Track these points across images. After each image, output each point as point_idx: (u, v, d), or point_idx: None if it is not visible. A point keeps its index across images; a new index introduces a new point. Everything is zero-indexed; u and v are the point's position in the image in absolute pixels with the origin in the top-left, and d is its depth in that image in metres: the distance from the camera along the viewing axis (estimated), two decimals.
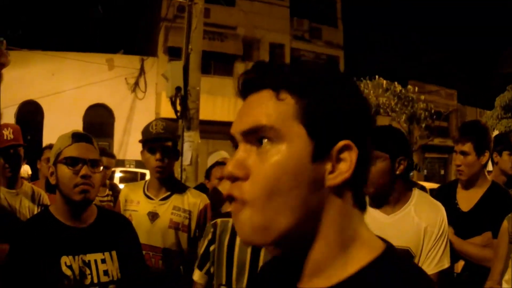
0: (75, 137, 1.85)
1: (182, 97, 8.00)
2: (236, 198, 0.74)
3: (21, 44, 14.32)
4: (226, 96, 17.44)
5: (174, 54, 15.10)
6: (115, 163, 5.18)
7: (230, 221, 2.14)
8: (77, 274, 1.75)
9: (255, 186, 0.72)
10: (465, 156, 2.71)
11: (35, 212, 2.85)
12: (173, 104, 8.08)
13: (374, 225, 0.86)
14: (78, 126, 14.10)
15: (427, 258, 2.09)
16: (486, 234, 2.57)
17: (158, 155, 2.58)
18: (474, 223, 2.67)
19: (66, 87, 15.59)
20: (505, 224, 2.19)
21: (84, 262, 1.79)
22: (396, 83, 17.87)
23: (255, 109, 0.76)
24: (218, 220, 2.21)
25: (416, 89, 18.63)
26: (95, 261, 1.82)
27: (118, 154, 14.90)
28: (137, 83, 17.05)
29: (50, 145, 3.34)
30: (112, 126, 16.95)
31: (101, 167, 1.88)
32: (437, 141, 22.06)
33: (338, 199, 0.75)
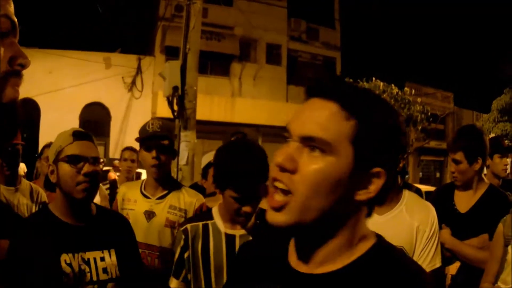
0: (76, 135, 1.86)
1: (179, 96, 7.98)
2: (283, 184, 0.87)
3: (18, 41, 14.24)
4: (222, 96, 17.44)
5: (171, 53, 15.10)
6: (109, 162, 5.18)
7: (200, 225, 2.11)
8: (76, 271, 1.76)
9: (304, 182, 0.86)
10: (457, 164, 2.74)
11: (33, 209, 2.86)
12: (170, 103, 8.05)
13: (368, 224, 0.98)
14: (75, 124, 14.08)
15: (420, 257, 2.12)
16: (483, 236, 2.59)
17: (155, 153, 2.59)
18: (471, 225, 2.69)
19: (63, 85, 15.52)
20: (500, 227, 2.22)
21: (83, 260, 1.80)
22: (392, 85, 17.87)
23: (319, 117, 0.87)
24: (188, 225, 2.13)
25: (412, 91, 18.66)
26: (94, 259, 1.83)
27: (114, 153, 14.87)
28: (134, 82, 16.97)
29: (49, 143, 3.34)
30: (108, 125, 16.87)
31: (101, 165, 1.89)
32: (433, 143, 22.12)
33: (359, 209, 0.92)
